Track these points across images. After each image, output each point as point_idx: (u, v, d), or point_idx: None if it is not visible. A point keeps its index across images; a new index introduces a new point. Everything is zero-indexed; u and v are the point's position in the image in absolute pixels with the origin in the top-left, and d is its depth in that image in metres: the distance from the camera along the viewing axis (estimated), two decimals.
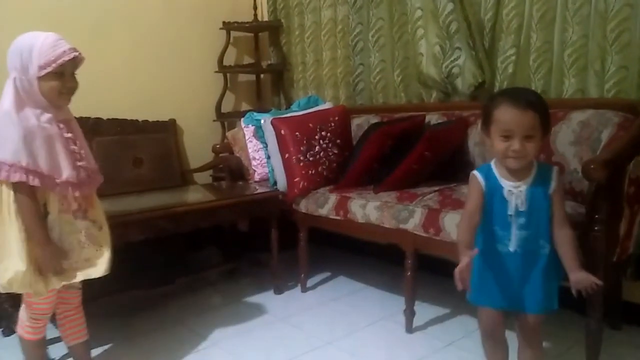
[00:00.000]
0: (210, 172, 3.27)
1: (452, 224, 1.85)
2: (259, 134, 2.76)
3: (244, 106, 3.59)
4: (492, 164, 1.44)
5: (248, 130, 2.87)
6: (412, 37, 2.64)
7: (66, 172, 1.50)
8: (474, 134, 2.32)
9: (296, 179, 2.48)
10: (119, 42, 2.97)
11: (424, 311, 2.25)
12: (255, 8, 3.31)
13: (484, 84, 2.40)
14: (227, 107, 3.45)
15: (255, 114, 2.87)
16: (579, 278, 1.36)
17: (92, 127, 2.74)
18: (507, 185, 1.40)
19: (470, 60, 2.38)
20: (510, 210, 1.39)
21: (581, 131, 1.93)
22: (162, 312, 2.43)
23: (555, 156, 1.98)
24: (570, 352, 1.89)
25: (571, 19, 2.08)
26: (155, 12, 3.10)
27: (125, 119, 2.95)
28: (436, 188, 2.16)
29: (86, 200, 1.59)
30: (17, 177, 1.42)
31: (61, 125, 1.53)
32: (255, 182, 2.84)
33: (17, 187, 1.44)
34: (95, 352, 1.96)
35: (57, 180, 1.48)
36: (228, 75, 3.39)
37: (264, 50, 3.57)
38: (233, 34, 3.37)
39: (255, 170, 2.85)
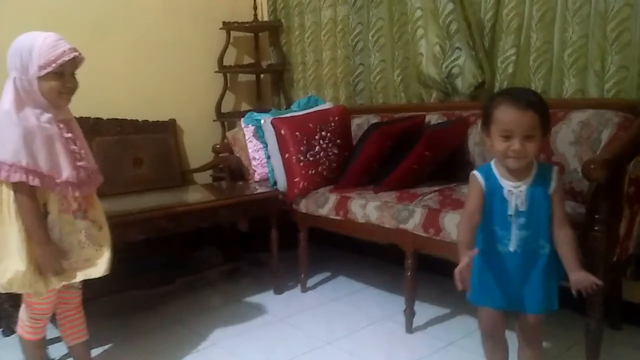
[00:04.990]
0: (210, 172, 3.27)
1: (452, 224, 1.85)
2: (259, 134, 2.76)
3: (244, 106, 3.59)
4: (492, 164, 1.44)
5: (248, 130, 2.87)
6: (412, 37, 2.64)
7: (66, 172, 1.50)
8: (474, 134, 2.32)
9: (296, 179, 2.48)
10: (119, 42, 2.97)
11: (424, 311, 2.25)
12: (255, 8, 3.31)
13: (484, 84, 2.40)
14: (227, 107, 3.45)
15: (255, 114, 2.87)
16: (579, 278, 1.36)
17: (92, 127, 2.74)
18: (507, 185, 1.40)
19: (470, 60, 2.38)
20: (510, 210, 1.39)
21: (581, 131, 1.93)
22: (162, 312, 2.43)
23: (555, 156, 1.98)
24: (570, 352, 1.89)
25: (571, 19, 2.08)
26: (155, 12, 3.10)
27: (125, 119, 2.95)
28: (436, 188, 2.16)
29: (86, 200, 1.59)
30: (17, 177, 1.42)
31: (61, 125, 1.53)
32: (255, 182, 2.84)
33: (17, 187, 1.44)
34: (95, 352, 1.96)
35: (57, 180, 1.48)
36: (228, 75, 3.39)
37: (264, 50, 3.57)
38: (233, 34, 3.37)
39: (255, 170, 2.85)
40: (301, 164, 2.47)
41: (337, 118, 2.62)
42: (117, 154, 2.86)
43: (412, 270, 2.07)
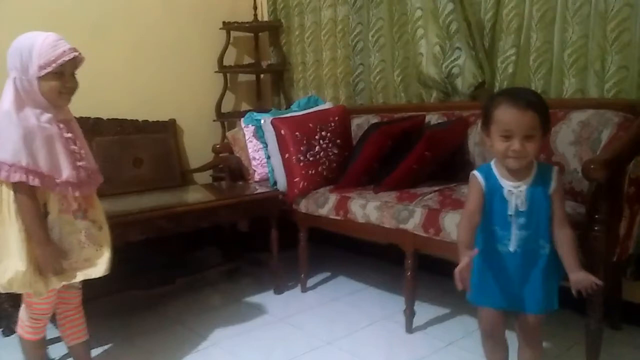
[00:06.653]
0: (210, 172, 3.27)
1: (452, 224, 1.85)
2: (259, 134, 2.76)
3: (244, 106, 3.59)
4: (492, 164, 1.44)
5: (248, 130, 2.87)
6: (412, 37, 2.64)
7: (66, 172, 1.50)
8: (474, 134, 2.32)
9: (296, 179, 2.48)
10: (119, 42, 2.97)
11: (424, 311, 2.25)
12: (255, 8, 3.31)
13: (484, 84, 2.40)
14: (227, 107, 3.45)
15: (255, 114, 2.87)
16: (579, 278, 1.36)
17: (92, 127, 2.74)
18: (507, 185, 1.40)
19: (470, 60, 2.38)
20: (510, 210, 1.39)
21: (581, 131, 1.93)
22: (162, 312, 2.43)
23: (555, 156, 1.98)
24: (570, 352, 1.89)
25: (571, 19, 2.08)
26: (155, 12, 3.10)
27: (125, 119, 2.95)
28: (436, 188, 2.16)
29: (86, 200, 1.59)
30: (17, 177, 1.42)
31: (61, 125, 1.52)
32: (255, 182, 2.84)
33: (17, 187, 1.44)
34: (95, 352, 1.96)
35: (57, 180, 1.48)
36: (228, 75, 3.39)
37: (264, 50, 3.57)
38: (233, 34, 3.37)
39: (255, 170, 2.85)
40: (301, 164, 2.47)
41: (337, 118, 2.62)
42: (117, 154, 2.86)
43: (412, 270, 2.07)
